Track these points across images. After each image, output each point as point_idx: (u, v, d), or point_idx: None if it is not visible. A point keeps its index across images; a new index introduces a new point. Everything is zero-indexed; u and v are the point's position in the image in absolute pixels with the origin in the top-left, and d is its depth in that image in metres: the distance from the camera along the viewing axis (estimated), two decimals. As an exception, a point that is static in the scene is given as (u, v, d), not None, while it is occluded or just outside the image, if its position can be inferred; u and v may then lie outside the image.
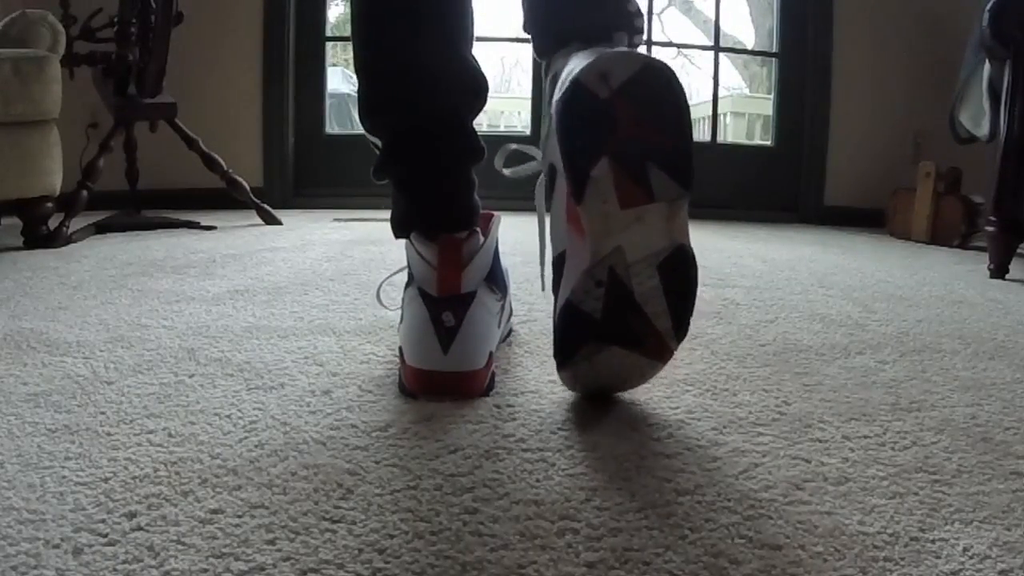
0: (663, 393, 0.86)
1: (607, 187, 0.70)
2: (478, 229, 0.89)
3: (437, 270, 0.82)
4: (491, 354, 0.83)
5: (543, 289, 0.88)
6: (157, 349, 0.98)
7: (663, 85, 0.71)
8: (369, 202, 2.85)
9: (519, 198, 2.02)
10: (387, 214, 0.93)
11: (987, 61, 2.07)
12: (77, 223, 2.03)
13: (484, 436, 0.72)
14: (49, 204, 1.89)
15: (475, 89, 0.88)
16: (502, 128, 6.36)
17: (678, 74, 0.71)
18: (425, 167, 0.88)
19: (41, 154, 1.85)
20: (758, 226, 2.77)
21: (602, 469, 0.66)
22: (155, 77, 2.21)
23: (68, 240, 1.91)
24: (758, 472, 0.66)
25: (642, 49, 0.80)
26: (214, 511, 0.57)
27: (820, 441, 0.74)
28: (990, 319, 1.32)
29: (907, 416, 0.82)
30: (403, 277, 0.91)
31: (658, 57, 0.84)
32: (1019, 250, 1.87)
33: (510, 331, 1.08)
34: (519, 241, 1.94)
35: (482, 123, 2.22)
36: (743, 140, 6.02)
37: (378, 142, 0.89)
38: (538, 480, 0.64)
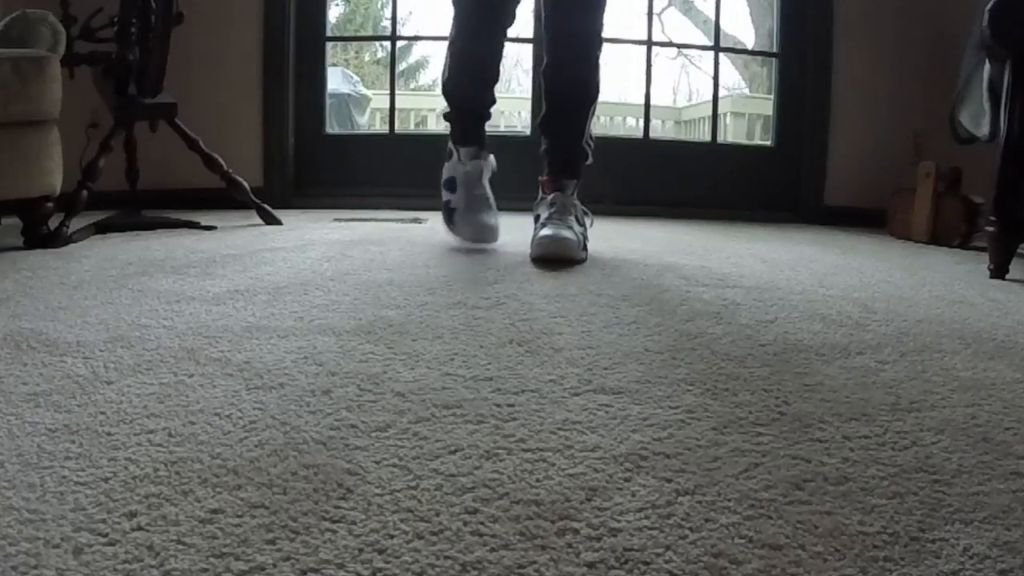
0: (663, 393, 0.86)
1: None
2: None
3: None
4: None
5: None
6: (157, 349, 0.98)
7: None
8: (369, 202, 2.85)
9: (519, 199, 2.03)
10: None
11: (987, 61, 2.07)
12: (77, 223, 2.02)
13: (484, 436, 0.72)
14: (49, 204, 1.89)
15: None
16: (502, 128, 6.35)
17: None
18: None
19: (41, 154, 1.84)
20: (758, 226, 2.76)
21: (602, 469, 0.66)
22: (155, 77, 2.21)
23: (68, 240, 1.91)
24: (758, 472, 0.66)
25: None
26: (214, 511, 0.57)
27: (820, 441, 0.74)
28: (990, 319, 1.32)
29: (907, 416, 0.82)
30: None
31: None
32: (1019, 250, 1.87)
33: None
34: (517, 241, 1.94)
35: (483, 123, 2.29)
36: (743, 140, 6.02)
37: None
38: (538, 480, 0.64)
